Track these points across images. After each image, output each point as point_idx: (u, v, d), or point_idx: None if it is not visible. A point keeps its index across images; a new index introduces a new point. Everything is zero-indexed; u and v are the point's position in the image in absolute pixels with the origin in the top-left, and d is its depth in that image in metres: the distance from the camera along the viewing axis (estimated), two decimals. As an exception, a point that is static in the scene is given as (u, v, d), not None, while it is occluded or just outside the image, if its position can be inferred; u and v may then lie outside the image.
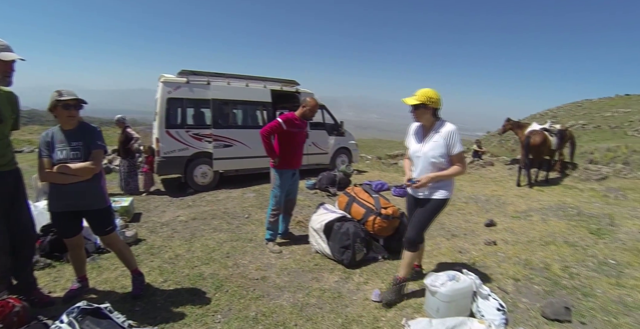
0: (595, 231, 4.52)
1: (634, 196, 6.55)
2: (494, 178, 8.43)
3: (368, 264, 3.49)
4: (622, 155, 14.10)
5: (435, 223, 4.78)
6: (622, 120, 28.16)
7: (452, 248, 4.01)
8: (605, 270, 3.51)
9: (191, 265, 3.43)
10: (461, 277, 2.68)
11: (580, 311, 2.78)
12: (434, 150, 2.60)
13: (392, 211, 3.71)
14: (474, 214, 5.34)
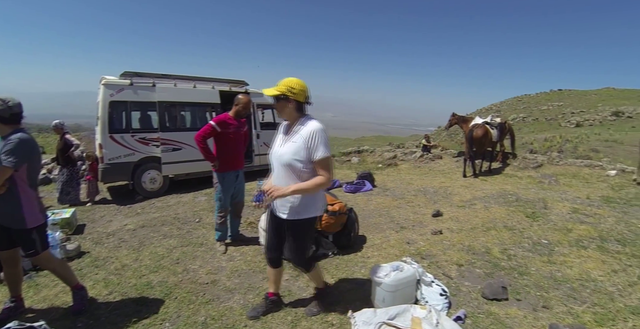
0: (531, 215, 4.99)
1: (565, 181, 7.34)
2: (442, 170, 8.98)
3: (318, 261, 3.55)
4: (557, 144, 15.73)
5: (385, 216, 5.12)
6: (557, 113, 31.39)
7: (401, 240, 4.21)
8: (538, 249, 3.89)
9: (139, 275, 3.40)
10: (404, 267, 2.85)
11: (516, 289, 3.07)
12: (290, 152, 2.20)
13: (339, 207, 3.84)
14: (422, 206, 5.65)
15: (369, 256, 3.76)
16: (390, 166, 9.98)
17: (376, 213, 5.32)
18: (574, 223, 4.64)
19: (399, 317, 2.40)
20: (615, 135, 16.32)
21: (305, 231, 2.42)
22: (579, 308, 2.77)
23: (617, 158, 11.18)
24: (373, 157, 11.63)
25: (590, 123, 25.38)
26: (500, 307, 2.79)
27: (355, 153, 12.28)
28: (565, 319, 2.62)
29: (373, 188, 6.93)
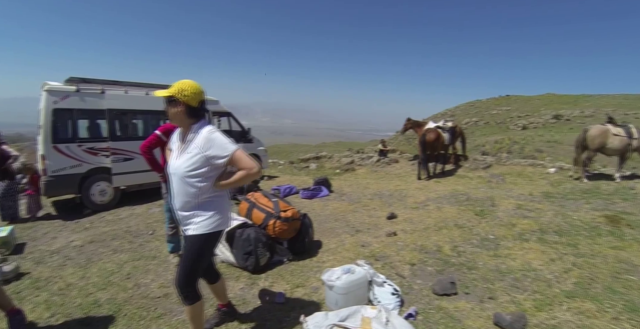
0: (479, 213, 5.32)
1: (511, 180, 7.91)
2: (398, 174, 9.33)
3: (273, 267, 3.61)
4: (506, 146, 17.00)
5: (341, 221, 5.23)
6: (505, 117, 33.82)
7: (356, 243, 4.31)
8: (486, 244, 4.16)
9: (85, 293, 3.24)
10: (356, 269, 2.94)
11: (465, 283, 3.25)
12: (185, 165, 2.02)
13: (292, 213, 3.90)
14: (378, 209, 5.83)
15: (324, 261, 3.81)
16: (347, 172, 10.19)
17: (332, 218, 5.40)
18: (518, 218, 5.02)
19: (350, 318, 2.45)
20: (556, 136, 17.87)
21: (197, 248, 2.12)
22: (521, 296, 2.99)
23: (558, 157, 12.26)
24: (331, 162, 11.83)
25: (535, 126, 27.59)
26: (450, 301, 2.94)
27: (313, 159, 12.45)
28: (508, 307, 2.81)
29: (330, 193, 7.06)
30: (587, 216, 5.04)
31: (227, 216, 2.23)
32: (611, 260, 3.63)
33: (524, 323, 2.53)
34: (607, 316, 2.66)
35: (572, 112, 30.41)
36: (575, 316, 2.67)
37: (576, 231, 4.47)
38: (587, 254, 3.79)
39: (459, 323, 2.62)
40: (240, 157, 2.03)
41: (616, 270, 3.40)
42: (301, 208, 5.74)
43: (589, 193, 6.55)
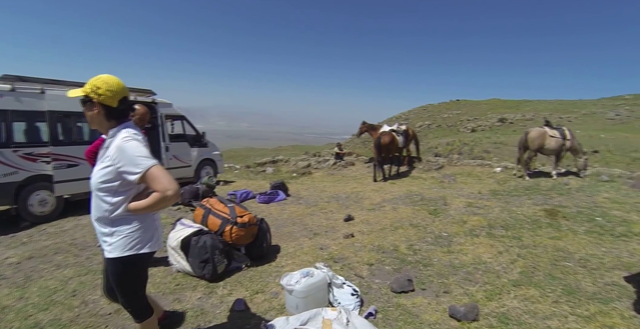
0: (433, 212, 5.62)
1: (461, 179, 8.43)
2: (355, 176, 9.57)
3: (232, 274, 3.58)
4: (457, 148, 18.02)
5: (299, 224, 5.28)
6: (456, 120, 35.90)
7: (314, 246, 4.37)
8: (440, 241, 4.39)
9: (24, 316, 2.96)
10: (315, 272, 2.99)
11: (421, 279, 3.41)
12: (97, 176, 1.79)
13: (248, 218, 3.89)
14: (335, 211, 5.95)
15: (283, 265, 3.83)
16: (304, 175, 10.28)
17: (290, 222, 5.44)
18: (469, 215, 5.37)
19: (311, 321, 2.49)
20: (502, 137, 19.25)
21: (118, 272, 1.91)
22: (473, 288, 3.20)
23: (503, 157, 13.23)
24: (288, 166, 11.85)
25: (483, 129, 29.56)
26: (408, 298, 3.08)
27: (270, 163, 12.45)
28: (462, 300, 3.00)
29: (287, 197, 7.10)
30: (529, 210, 5.51)
31: (152, 236, 1.95)
32: (550, 249, 4.01)
33: (477, 313, 2.72)
34: (548, 300, 2.93)
35: (514, 115, 33.07)
36: (521, 303, 2.91)
37: (520, 225, 4.87)
38: (530, 245, 4.14)
39: (417, 318, 2.75)
40: (155, 175, 1.69)
41: (555, 258, 3.76)
42: (258, 213, 5.71)
43: (530, 189, 7.15)
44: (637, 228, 4.54)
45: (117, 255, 1.83)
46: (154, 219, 1.99)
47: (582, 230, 4.61)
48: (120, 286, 1.95)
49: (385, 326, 2.67)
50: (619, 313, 2.73)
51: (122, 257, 1.84)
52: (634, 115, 31.49)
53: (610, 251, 3.94)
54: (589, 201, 5.95)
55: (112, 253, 1.83)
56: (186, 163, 8.47)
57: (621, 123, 29.21)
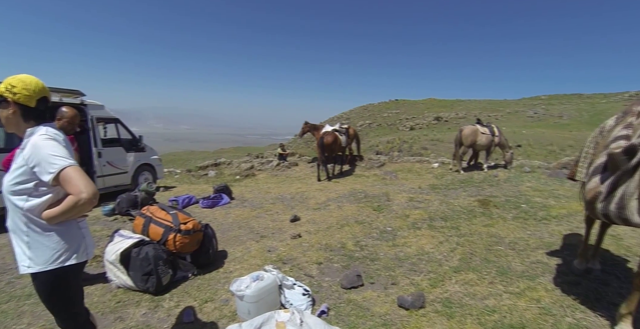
0: (377, 208, 5.89)
1: (402, 175, 8.92)
2: (299, 176, 9.67)
3: (178, 285, 3.47)
4: (397, 145, 18.99)
5: (245, 228, 5.24)
6: (395, 119, 37.79)
7: (262, 249, 4.37)
8: (385, 236, 4.62)
9: None
10: (264, 275, 3.00)
11: (369, 274, 3.58)
12: (9, 179, 1.67)
13: (193, 225, 3.79)
14: (281, 213, 5.98)
15: (231, 271, 3.79)
16: (248, 177, 10.16)
17: (236, 226, 5.38)
18: (411, 209, 5.71)
19: (265, 325, 2.50)
20: (438, 135, 20.65)
21: (41, 292, 1.77)
22: (418, 277, 3.44)
23: (440, 153, 14.22)
24: (231, 169, 11.63)
25: (420, 127, 31.44)
26: (358, 293, 3.21)
27: (212, 166, 12.16)
28: (409, 289, 3.20)
29: (231, 200, 7.01)
30: (464, 202, 6.01)
31: (79, 245, 1.80)
32: (484, 235, 4.42)
33: (423, 301, 2.93)
34: (485, 282, 3.25)
35: (449, 114, 35.63)
36: (462, 287, 3.19)
37: (457, 215, 5.30)
38: (467, 233, 4.54)
39: (368, 311, 2.89)
40: (70, 176, 1.57)
41: (489, 244, 4.16)
42: (202, 218, 5.58)
43: (465, 182, 7.79)
44: (555, 212, 5.18)
45: (40, 270, 1.69)
46: (79, 226, 1.84)
47: (510, 216, 5.15)
48: (50, 304, 1.80)
49: (339, 322, 2.76)
50: (544, 286, 3.13)
51: (47, 271, 1.70)
52: (549, 113, 35.77)
53: (534, 233, 4.46)
54: (515, 191, 6.65)
55: (34, 267, 1.69)
56: (122, 169, 8.01)
57: (539, 121, 32.97)
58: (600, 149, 2.59)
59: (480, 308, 2.83)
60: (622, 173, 2.14)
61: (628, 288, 3.04)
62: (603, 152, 2.47)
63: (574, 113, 34.19)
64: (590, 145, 2.90)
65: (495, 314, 2.75)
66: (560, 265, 3.58)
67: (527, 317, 2.68)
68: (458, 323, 2.66)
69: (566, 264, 3.57)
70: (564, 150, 17.51)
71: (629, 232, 4.27)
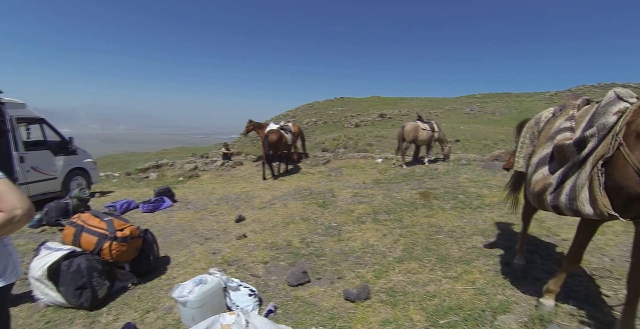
0: (322, 204, 5.98)
1: (347, 171, 9.14)
2: (244, 176, 9.55)
3: (117, 297, 3.30)
4: (342, 142, 19.40)
5: (188, 231, 5.10)
6: (340, 116, 38.52)
7: (206, 252, 4.27)
8: (330, 232, 4.71)
9: None
10: (208, 278, 2.93)
11: (316, 270, 3.63)
12: None
13: (130, 231, 3.61)
14: (225, 213, 5.87)
15: (174, 277, 3.66)
16: (191, 178, 9.85)
17: (179, 229, 5.21)
18: (355, 204, 5.87)
19: (209, 330, 2.45)
20: (382, 131, 21.40)
21: None
22: (363, 270, 3.55)
23: (384, 149, 14.75)
24: (173, 170, 11.19)
25: (365, 124, 32.36)
26: (305, 289, 3.26)
27: (153, 168, 11.64)
28: (355, 282, 3.30)
29: (174, 203, 6.77)
30: (407, 195, 6.29)
31: (5, 265, 1.64)
32: (425, 226, 4.67)
33: (368, 292, 3.03)
34: (426, 270, 3.44)
35: (393, 111, 37.07)
36: (404, 276, 3.35)
37: (400, 208, 5.54)
38: (409, 225, 4.76)
39: (315, 306, 2.94)
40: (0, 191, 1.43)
41: (429, 233, 4.40)
42: (142, 223, 5.35)
43: (407, 176, 8.15)
44: (488, 200, 5.61)
45: None
46: (4, 243, 1.66)
47: (448, 206, 5.48)
48: None
49: (286, 320, 2.78)
50: (478, 269, 3.38)
51: None
52: (483, 110, 38.78)
53: (470, 221, 4.79)
54: (453, 182, 7.08)
55: None
56: (50, 175, 7.37)
57: (474, 117, 35.57)
58: (542, 140, 2.67)
59: (422, 294, 3.00)
60: (572, 165, 2.18)
61: (549, 265, 3.42)
62: (547, 143, 2.56)
63: (505, 111, 37.31)
64: (526, 135, 3.04)
65: (436, 298, 2.92)
66: (492, 248, 3.89)
67: (464, 298, 2.89)
68: (402, 310, 2.79)
69: (498, 247, 3.90)
70: (496, 143, 18.98)
71: (550, 215, 4.73)
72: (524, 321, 2.56)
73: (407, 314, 2.73)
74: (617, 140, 1.93)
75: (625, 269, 3.02)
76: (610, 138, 1.98)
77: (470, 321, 2.58)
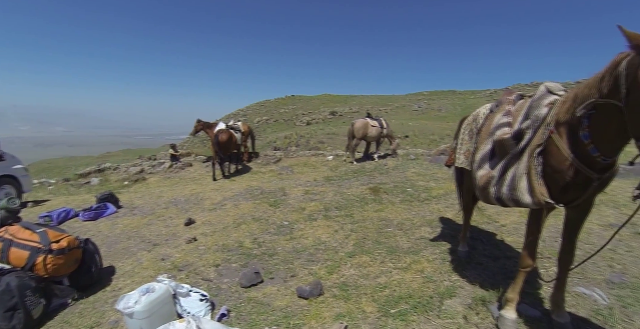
0: (273, 203, 5.96)
1: (298, 169, 9.18)
2: (193, 177, 9.27)
3: (55, 315, 3.07)
4: (294, 140, 19.42)
5: (135, 238, 4.90)
6: (292, 115, 38.52)
7: (155, 258, 4.10)
8: (282, 230, 4.71)
9: None
10: (155, 286, 2.81)
11: (268, 269, 3.61)
12: None
13: (67, 242, 3.35)
14: (174, 217, 5.67)
15: (120, 288, 3.48)
16: (138, 182, 9.38)
17: (124, 237, 4.95)
18: (307, 202, 5.91)
19: (159, 341, 2.35)
20: (334, 129, 21.68)
21: None
22: (316, 267, 3.59)
23: (336, 146, 14.96)
24: (118, 174, 10.59)
25: (317, 122, 32.59)
26: (258, 290, 3.23)
27: (95, 172, 10.95)
28: (307, 280, 3.32)
29: (118, 209, 6.39)
30: (357, 190, 6.43)
31: None
32: (376, 220, 4.81)
33: (321, 288, 3.08)
34: (377, 263, 3.55)
35: (343, 108, 37.69)
36: (356, 270, 3.44)
37: (351, 204, 5.65)
38: (360, 220, 4.87)
39: (269, 306, 2.93)
40: None
41: (380, 227, 4.54)
42: (83, 233, 5.02)
43: (357, 172, 8.32)
44: (435, 193, 5.88)
45: None
46: None
47: (398, 200, 5.69)
48: None
49: (240, 322, 2.76)
50: (426, 258, 3.55)
51: None
52: (430, 107, 40.63)
53: (418, 213, 5.00)
54: (402, 177, 7.35)
55: None
56: None
57: (422, 114, 37.13)
58: (484, 136, 2.77)
59: (374, 286, 3.09)
60: (512, 157, 2.31)
61: (491, 249, 3.70)
62: (488, 139, 2.66)
63: (450, 107, 39.30)
64: (465, 132, 3.19)
65: (387, 289, 3.03)
66: (439, 237, 4.10)
67: (413, 287, 3.03)
68: (354, 303, 2.86)
69: (444, 236, 4.12)
70: (443, 138, 19.90)
71: (490, 204, 5.10)
72: (468, 303, 2.75)
73: (359, 307, 2.81)
74: (549, 129, 2.08)
75: (555, 248, 3.33)
76: (544, 128, 2.12)
77: (419, 308, 2.72)
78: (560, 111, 2.07)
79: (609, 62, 1.76)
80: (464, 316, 2.61)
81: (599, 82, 1.79)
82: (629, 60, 1.61)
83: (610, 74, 1.72)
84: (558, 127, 2.05)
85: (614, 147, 1.85)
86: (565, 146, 2.00)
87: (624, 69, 1.62)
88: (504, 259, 3.49)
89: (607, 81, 1.73)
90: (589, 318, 2.53)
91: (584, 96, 1.88)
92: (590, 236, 3.82)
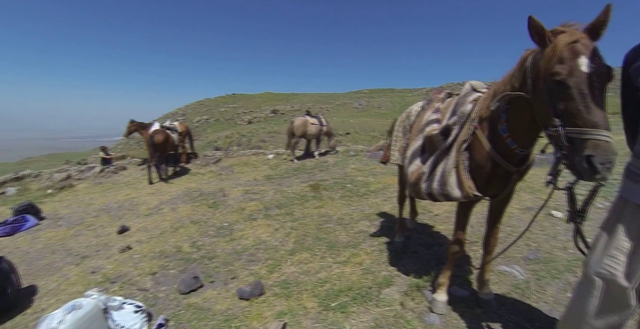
0: (213, 205, 5.82)
1: (238, 169, 9.02)
2: (127, 182, 8.74)
3: None
4: (235, 140, 19.05)
5: (60, 251, 4.54)
6: (233, 113, 37.65)
7: (84, 272, 3.81)
8: (222, 232, 4.61)
9: None
10: (83, 302, 2.61)
11: (208, 273, 3.53)
12: None
13: None
14: (106, 225, 5.30)
15: (43, 308, 3.18)
16: (64, 190, 8.59)
17: (47, 251, 4.52)
18: (246, 201, 5.84)
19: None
20: (275, 127, 21.57)
21: None
22: (257, 267, 3.57)
23: (278, 144, 14.90)
24: (39, 182, 9.60)
25: (258, 120, 32.20)
26: (198, 295, 3.15)
27: (12, 181, 9.80)
28: (248, 280, 3.29)
29: (40, 221, 5.78)
30: (298, 188, 6.47)
31: None
32: (316, 217, 4.88)
33: (261, 288, 3.07)
34: (317, 258, 3.62)
35: (285, 107, 37.59)
36: (297, 267, 3.48)
37: (291, 202, 5.68)
38: (300, 217, 4.92)
39: (209, 311, 2.87)
40: None
41: (320, 223, 4.62)
42: (-5, 250, 4.51)
43: (298, 170, 8.37)
44: (373, 187, 6.10)
45: None
46: None
47: (337, 196, 5.82)
48: None
49: (179, 329, 2.67)
50: (365, 251, 3.69)
51: None
52: (370, 104, 41.90)
53: (357, 208, 5.16)
54: (341, 173, 7.51)
55: None
56: None
57: (363, 111, 38.19)
58: (414, 133, 2.86)
59: (314, 282, 3.15)
60: (441, 153, 2.39)
61: (425, 238, 3.93)
62: (418, 135, 2.75)
63: (390, 105, 40.88)
64: (399, 129, 3.30)
65: (327, 284, 3.11)
66: (377, 230, 4.27)
67: (352, 280, 3.13)
68: (296, 300, 2.90)
69: (382, 228, 4.29)
70: (383, 135, 20.66)
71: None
72: (404, 290, 2.92)
73: (300, 303, 2.85)
74: (473, 125, 2.21)
75: (481, 233, 3.63)
76: (469, 124, 2.25)
77: (358, 299, 2.83)
78: (482, 107, 2.20)
79: (518, 59, 1.91)
80: (400, 303, 2.76)
81: (511, 77, 1.93)
82: (534, 56, 1.75)
83: (519, 70, 1.86)
84: (481, 122, 2.18)
85: (528, 138, 2.00)
86: (486, 140, 2.14)
87: (530, 64, 1.76)
88: (437, 246, 3.74)
89: (517, 76, 1.87)
90: (510, 292, 2.83)
91: (500, 92, 2.02)
92: (511, 220, 4.22)
